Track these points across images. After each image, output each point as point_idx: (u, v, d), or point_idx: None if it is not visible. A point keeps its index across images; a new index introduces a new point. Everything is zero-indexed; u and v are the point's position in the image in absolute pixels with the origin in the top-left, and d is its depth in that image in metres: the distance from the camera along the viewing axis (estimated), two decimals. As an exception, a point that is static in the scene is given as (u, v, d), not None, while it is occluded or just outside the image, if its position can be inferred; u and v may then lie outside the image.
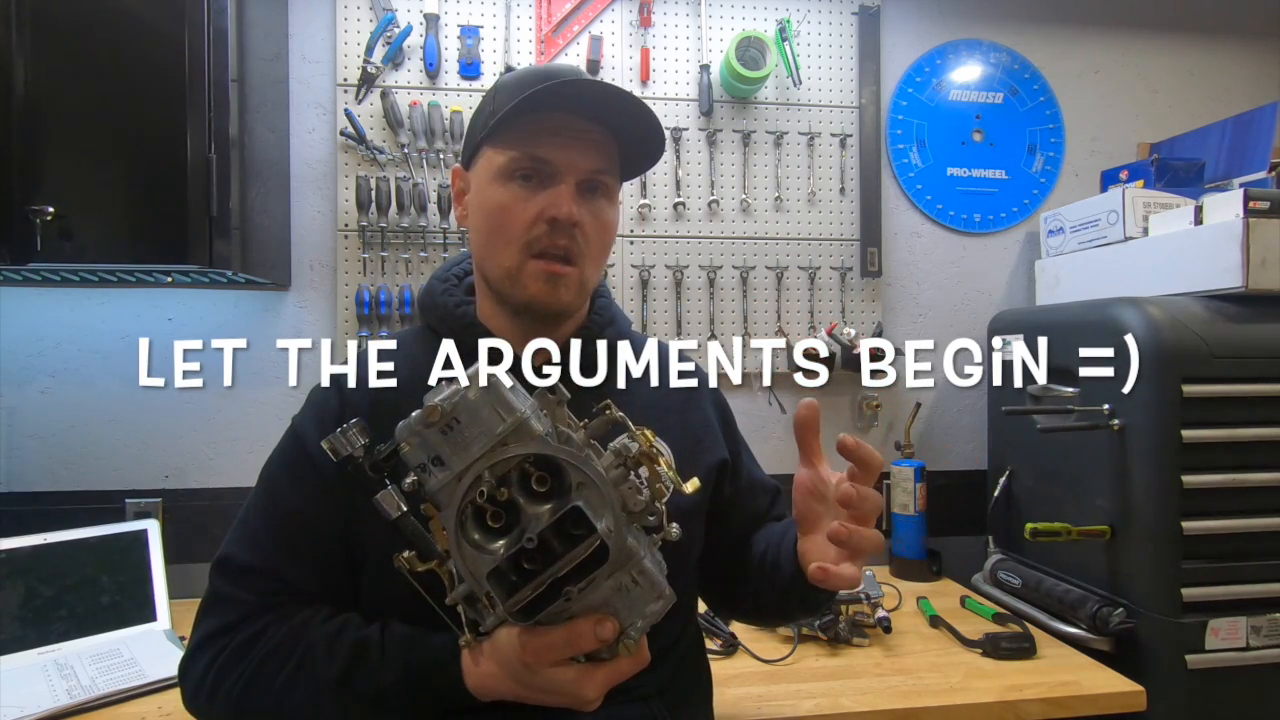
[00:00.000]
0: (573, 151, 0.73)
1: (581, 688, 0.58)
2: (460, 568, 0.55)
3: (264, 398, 1.58)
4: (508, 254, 0.74)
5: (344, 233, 1.60)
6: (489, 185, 0.75)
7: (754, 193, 1.75)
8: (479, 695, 0.63)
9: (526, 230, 0.72)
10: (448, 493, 0.55)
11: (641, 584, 0.57)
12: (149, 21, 1.22)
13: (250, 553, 0.71)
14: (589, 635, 0.56)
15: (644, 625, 0.58)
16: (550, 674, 0.58)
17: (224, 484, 1.57)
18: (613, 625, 0.56)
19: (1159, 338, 1.21)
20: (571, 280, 0.74)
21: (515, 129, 0.73)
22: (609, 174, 0.76)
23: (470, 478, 0.55)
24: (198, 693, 0.69)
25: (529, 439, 0.55)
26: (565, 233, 0.72)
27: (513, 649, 0.58)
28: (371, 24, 1.60)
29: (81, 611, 1.28)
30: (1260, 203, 1.25)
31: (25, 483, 1.52)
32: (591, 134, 0.74)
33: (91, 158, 1.23)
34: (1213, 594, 1.21)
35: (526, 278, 0.73)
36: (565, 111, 0.73)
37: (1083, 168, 1.88)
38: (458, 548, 0.55)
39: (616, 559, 0.55)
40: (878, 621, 1.33)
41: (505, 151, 0.73)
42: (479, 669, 0.62)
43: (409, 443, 0.57)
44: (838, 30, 1.78)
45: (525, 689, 0.60)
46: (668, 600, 0.58)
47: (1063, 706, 1.13)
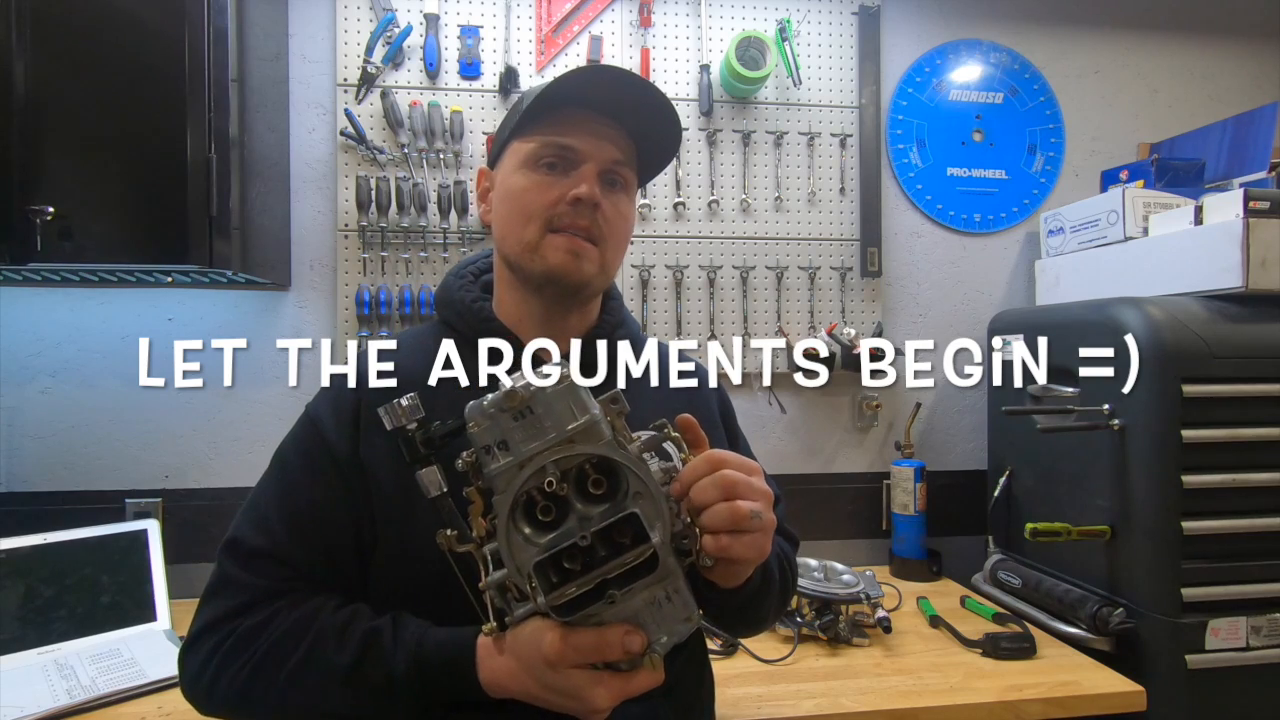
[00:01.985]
0: (597, 140, 0.76)
1: (595, 695, 0.58)
2: (505, 554, 0.56)
3: (264, 398, 1.58)
4: (529, 229, 0.75)
5: (344, 233, 1.60)
6: (514, 173, 0.77)
7: (754, 193, 1.75)
8: (489, 690, 0.63)
9: (550, 207, 0.74)
10: (507, 478, 0.56)
11: (675, 602, 0.58)
12: (149, 21, 1.22)
13: (261, 536, 0.71)
14: (617, 644, 0.57)
15: (669, 643, 0.59)
16: (569, 675, 0.58)
17: (224, 484, 1.57)
18: (641, 639, 0.57)
19: (1159, 338, 1.21)
20: (593, 256, 0.75)
21: (541, 122, 0.75)
22: (628, 168, 0.79)
23: (534, 467, 0.55)
24: (198, 679, 0.68)
25: (597, 440, 0.57)
26: (587, 213, 0.74)
27: (536, 645, 0.58)
28: (371, 24, 1.60)
29: (81, 611, 1.28)
30: (1260, 203, 1.25)
31: (25, 483, 1.52)
32: (611, 130, 0.77)
33: (91, 158, 1.23)
34: (1213, 594, 1.21)
35: (546, 249, 0.74)
36: (588, 107, 0.76)
37: (1083, 168, 1.88)
38: (506, 534, 0.56)
39: (662, 571, 0.56)
40: (878, 621, 1.33)
41: (532, 140, 0.76)
42: (496, 661, 0.62)
43: (478, 423, 0.57)
44: (838, 30, 1.78)
45: (539, 688, 0.60)
46: (695, 622, 0.59)
47: (1063, 706, 1.13)
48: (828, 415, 1.79)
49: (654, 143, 0.80)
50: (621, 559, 0.55)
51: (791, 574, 0.87)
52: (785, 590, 0.84)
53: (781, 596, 0.83)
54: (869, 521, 1.78)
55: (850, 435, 1.80)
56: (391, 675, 0.64)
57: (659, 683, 0.60)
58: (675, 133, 0.80)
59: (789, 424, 1.77)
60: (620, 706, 0.67)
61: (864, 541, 1.77)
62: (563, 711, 0.61)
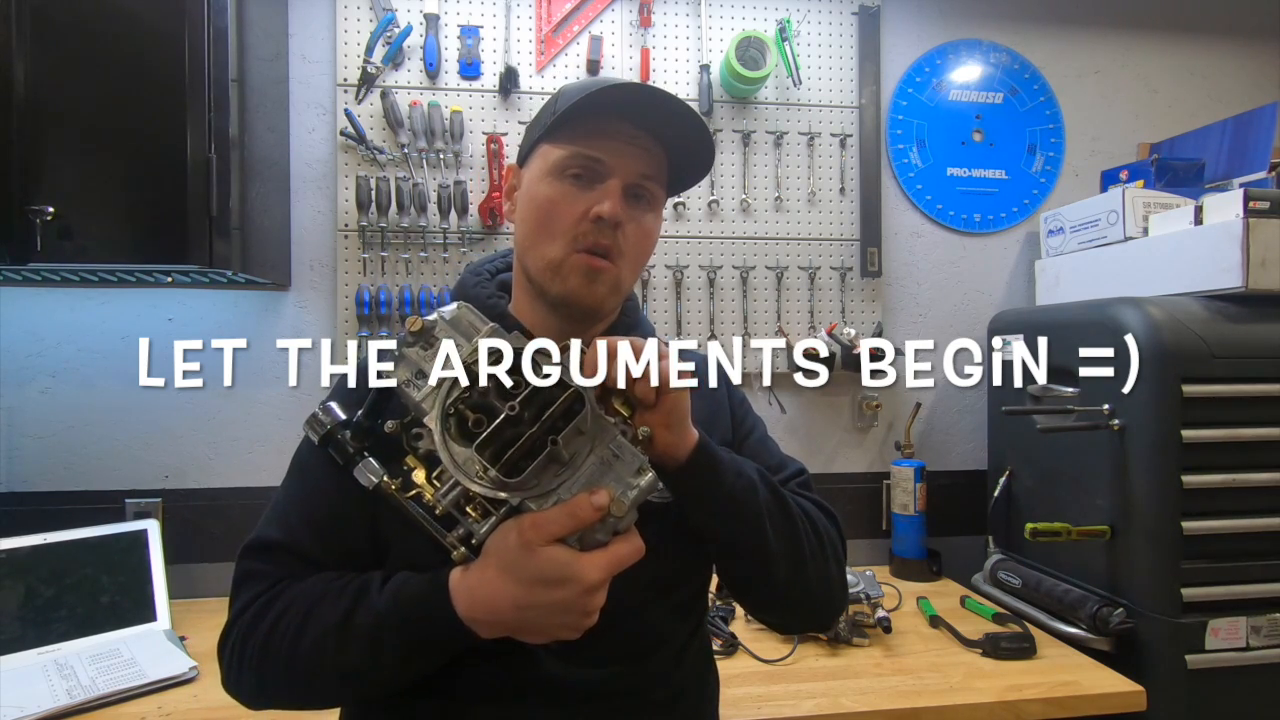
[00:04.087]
0: (624, 155, 0.75)
1: (584, 567, 0.58)
2: (450, 466, 0.59)
3: (264, 398, 1.58)
4: (553, 247, 0.75)
5: (344, 233, 1.60)
6: (541, 180, 0.76)
7: (754, 193, 1.75)
8: (474, 622, 0.62)
9: (574, 225, 0.74)
10: (431, 398, 0.60)
11: (622, 456, 0.60)
12: (149, 21, 1.22)
13: (279, 531, 0.72)
14: (586, 505, 0.58)
15: (635, 496, 0.60)
16: (550, 554, 0.58)
17: (224, 484, 1.57)
18: (606, 492, 0.59)
19: (1159, 338, 1.21)
20: (608, 276, 0.75)
21: (573, 128, 0.75)
22: (656, 182, 0.78)
23: (450, 380, 0.60)
24: (230, 667, 0.69)
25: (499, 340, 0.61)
26: (608, 231, 0.74)
27: (509, 535, 0.59)
28: (371, 24, 1.60)
29: (81, 611, 1.28)
30: (1260, 203, 1.25)
31: (25, 483, 1.52)
32: (643, 141, 0.76)
33: (91, 158, 1.23)
34: (1213, 594, 1.21)
35: (568, 270, 0.74)
36: (622, 117, 0.75)
37: (1083, 168, 1.88)
38: (445, 448, 0.59)
39: (597, 423, 0.60)
40: (878, 621, 1.33)
41: (561, 147, 0.75)
42: (473, 577, 0.62)
43: (394, 367, 0.62)
44: (838, 30, 1.78)
45: (524, 587, 0.59)
46: (648, 472, 0.61)
47: (1063, 706, 1.13)
48: (828, 415, 1.79)
49: (687, 155, 0.79)
50: (552, 410, 0.58)
51: (809, 523, 0.78)
52: (790, 524, 0.75)
53: (786, 527, 0.75)
54: (869, 521, 1.78)
55: (850, 435, 1.80)
56: (376, 617, 0.64)
57: (640, 552, 0.61)
58: (708, 149, 0.79)
59: (789, 424, 1.77)
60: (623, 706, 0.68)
61: (864, 541, 1.77)
62: (554, 609, 0.60)
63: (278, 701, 0.71)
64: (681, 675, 0.80)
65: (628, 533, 0.62)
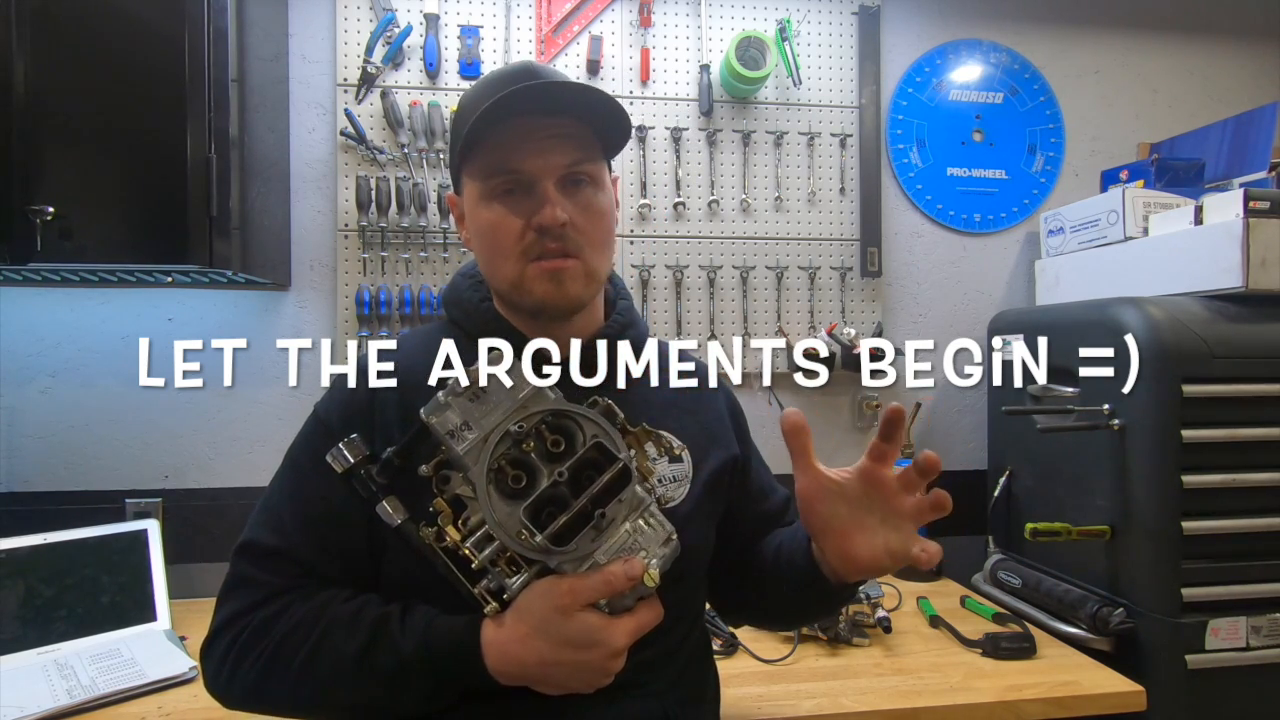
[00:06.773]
0: (545, 153, 0.73)
1: (613, 633, 0.61)
2: (490, 522, 0.61)
3: (264, 398, 1.58)
4: (508, 266, 0.75)
5: (344, 233, 1.60)
6: (477, 206, 0.76)
7: (754, 193, 1.74)
8: (500, 675, 0.63)
9: (520, 241, 0.74)
10: (476, 452, 0.62)
11: (654, 525, 0.65)
12: (149, 21, 1.22)
13: (274, 537, 0.72)
14: (620, 574, 0.61)
15: (660, 564, 0.63)
16: (584, 620, 0.61)
17: (224, 484, 1.57)
18: (639, 562, 0.62)
19: (1159, 338, 1.21)
20: (574, 272, 0.75)
21: (483, 147, 0.73)
22: (589, 162, 0.76)
23: (498, 435, 0.62)
24: (219, 673, 0.69)
25: (546, 401, 0.64)
26: (555, 236, 0.73)
27: (544, 598, 0.61)
28: (371, 24, 1.60)
29: (81, 611, 1.28)
30: (1260, 203, 1.25)
31: (25, 483, 1.52)
32: (560, 127, 0.74)
33: (91, 158, 1.23)
34: (1213, 594, 1.21)
35: (530, 282, 0.74)
36: (526, 113, 0.72)
37: (1083, 168, 1.88)
38: (488, 499, 0.61)
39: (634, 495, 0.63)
40: (878, 621, 1.33)
41: (480, 175, 0.75)
42: (504, 632, 0.63)
43: (439, 415, 0.63)
44: (838, 30, 1.78)
45: (553, 646, 0.61)
46: (675, 542, 0.66)
47: (1063, 706, 1.13)
48: (828, 415, 1.79)
49: (604, 119, 0.76)
50: (600, 479, 0.62)
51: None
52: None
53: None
54: (869, 521, 1.78)
55: (850, 435, 1.80)
56: (400, 660, 0.65)
57: (660, 618, 0.65)
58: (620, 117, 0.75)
59: (789, 424, 1.76)
60: (630, 703, 0.68)
61: (864, 541, 1.77)
62: (578, 668, 0.62)
63: (269, 710, 0.71)
64: (681, 675, 0.80)
65: (650, 598, 0.65)
